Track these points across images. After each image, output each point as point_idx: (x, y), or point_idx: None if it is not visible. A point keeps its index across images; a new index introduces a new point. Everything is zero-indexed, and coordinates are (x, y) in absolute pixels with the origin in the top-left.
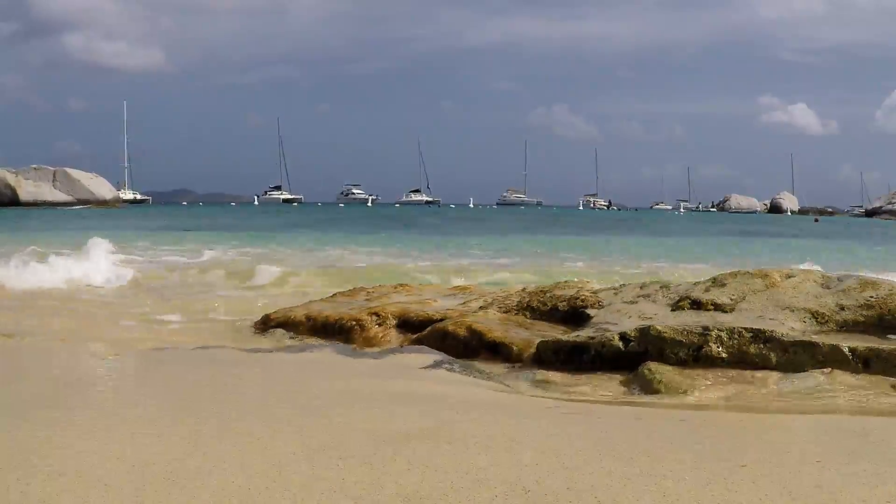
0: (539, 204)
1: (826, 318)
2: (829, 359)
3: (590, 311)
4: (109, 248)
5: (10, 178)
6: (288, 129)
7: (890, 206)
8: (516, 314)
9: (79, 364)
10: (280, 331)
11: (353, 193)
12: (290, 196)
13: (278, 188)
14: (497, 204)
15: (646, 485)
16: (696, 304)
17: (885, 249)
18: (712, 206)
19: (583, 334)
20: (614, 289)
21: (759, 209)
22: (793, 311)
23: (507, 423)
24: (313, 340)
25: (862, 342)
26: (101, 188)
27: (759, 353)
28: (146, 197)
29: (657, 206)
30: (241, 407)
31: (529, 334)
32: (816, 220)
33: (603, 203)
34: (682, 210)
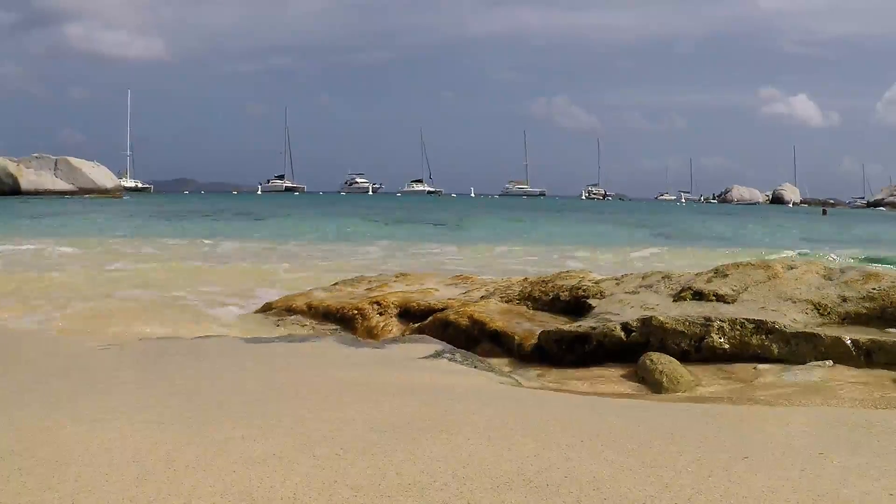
0: (542, 194)
1: (828, 309)
2: (831, 351)
3: (591, 301)
4: None
5: (12, 167)
6: (289, 118)
7: (892, 199)
8: (518, 304)
9: (78, 354)
10: (282, 319)
11: (357, 182)
12: (292, 185)
13: (281, 177)
14: (500, 195)
15: (647, 476)
16: (699, 295)
17: None
18: (713, 198)
19: (585, 324)
20: (616, 279)
21: (760, 200)
22: (795, 302)
23: (509, 413)
24: (315, 329)
25: (864, 334)
26: (103, 177)
27: (761, 344)
28: (148, 185)
29: (662, 198)
30: (241, 397)
31: (531, 324)
32: (824, 213)
33: (597, 192)
34: (683, 201)
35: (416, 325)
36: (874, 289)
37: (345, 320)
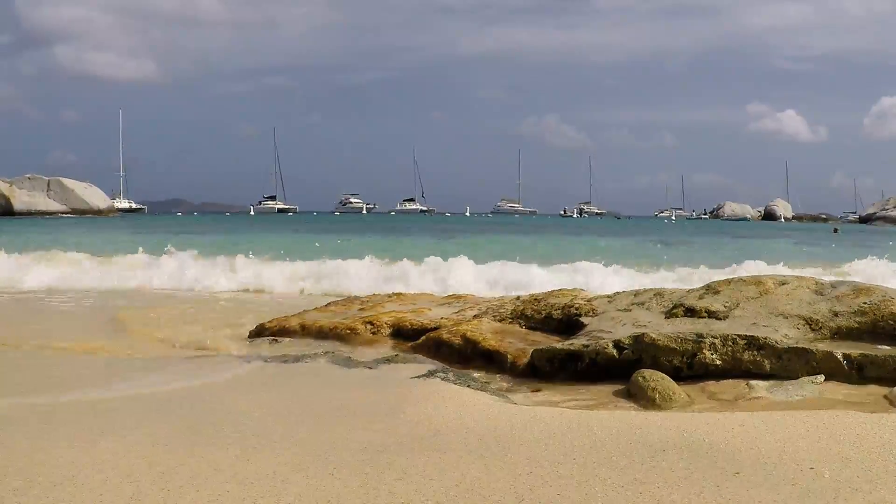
0: (533, 213)
1: (820, 324)
2: (823, 365)
3: (584, 319)
4: None
5: (5, 188)
6: (281, 138)
7: (884, 213)
8: (510, 323)
9: (73, 372)
10: (275, 340)
11: (352, 202)
12: (285, 206)
13: (273, 198)
14: (491, 213)
15: (639, 492)
16: (691, 312)
17: None
18: (704, 214)
19: (577, 342)
20: (608, 297)
21: (750, 216)
22: (786, 317)
23: (501, 432)
24: (308, 350)
25: (855, 349)
26: (95, 197)
27: (753, 360)
28: (141, 206)
29: (662, 214)
30: (235, 417)
31: (524, 343)
32: (836, 231)
33: (572, 210)
34: (674, 218)
35: (410, 344)
36: (865, 303)
37: (338, 340)
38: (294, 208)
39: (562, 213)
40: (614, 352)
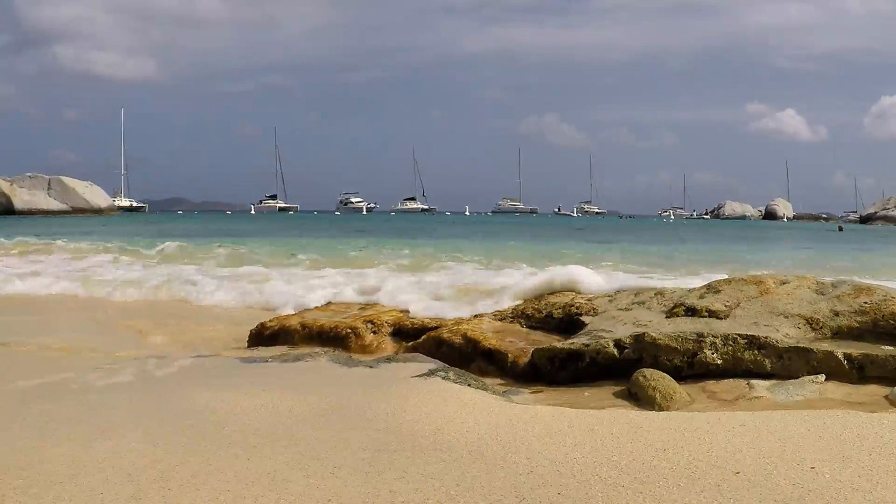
0: (533, 212)
1: (820, 324)
2: (824, 365)
3: (584, 319)
4: None
5: (5, 187)
6: (282, 137)
7: (885, 213)
8: (511, 322)
9: (74, 373)
10: (275, 339)
11: (352, 202)
12: (285, 205)
13: (274, 197)
14: (492, 212)
15: (639, 492)
16: (691, 311)
17: None
18: (705, 214)
19: (577, 341)
20: (609, 296)
21: (750, 215)
22: (787, 317)
23: (502, 431)
24: (308, 349)
25: (856, 348)
26: (96, 196)
27: (754, 359)
28: (142, 205)
29: (664, 214)
30: (235, 416)
31: (524, 342)
32: (840, 229)
33: (575, 208)
34: (672, 218)
35: (410, 343)
36: (866, 302)
37: (339, 339)
38: (295, 207)
39: (556, 210)
40: (615, 351)
